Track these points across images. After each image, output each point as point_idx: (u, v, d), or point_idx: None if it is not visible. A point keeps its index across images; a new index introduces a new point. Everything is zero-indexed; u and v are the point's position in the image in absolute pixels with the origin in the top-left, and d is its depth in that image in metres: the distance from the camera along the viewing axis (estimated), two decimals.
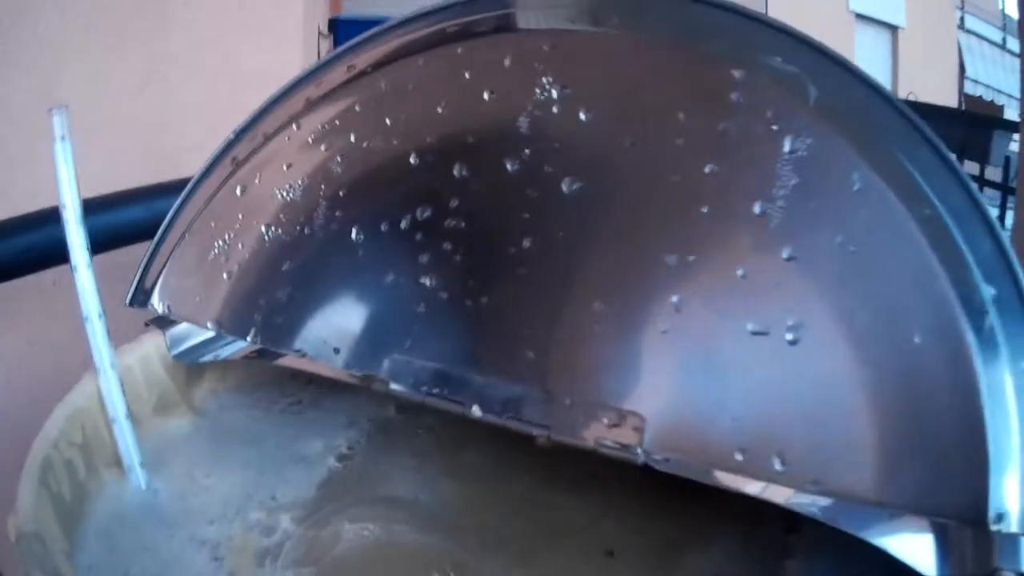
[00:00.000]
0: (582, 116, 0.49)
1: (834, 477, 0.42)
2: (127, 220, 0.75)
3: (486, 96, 0.52)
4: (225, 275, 0.59)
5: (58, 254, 0.58)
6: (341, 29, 2.72)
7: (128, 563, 0.56)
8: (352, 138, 0.56)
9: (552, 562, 0.56)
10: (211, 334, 0.59)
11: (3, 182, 0.91)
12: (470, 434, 0.51)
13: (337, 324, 0.53)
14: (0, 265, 0.75)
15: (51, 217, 0.57)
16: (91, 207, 0.67)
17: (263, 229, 0.58)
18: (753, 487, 0.43)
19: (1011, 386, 0.41)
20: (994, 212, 0.66)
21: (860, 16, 4.79)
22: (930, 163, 0.44)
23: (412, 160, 0.53)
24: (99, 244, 0.70)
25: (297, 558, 0.56)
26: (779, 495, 0.43)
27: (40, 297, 0.80)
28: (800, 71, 0.46)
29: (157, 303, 0.63)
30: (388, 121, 0.55)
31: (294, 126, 0.59)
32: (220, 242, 0.60)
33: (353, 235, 0.53)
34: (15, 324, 0.96)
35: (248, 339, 0.56)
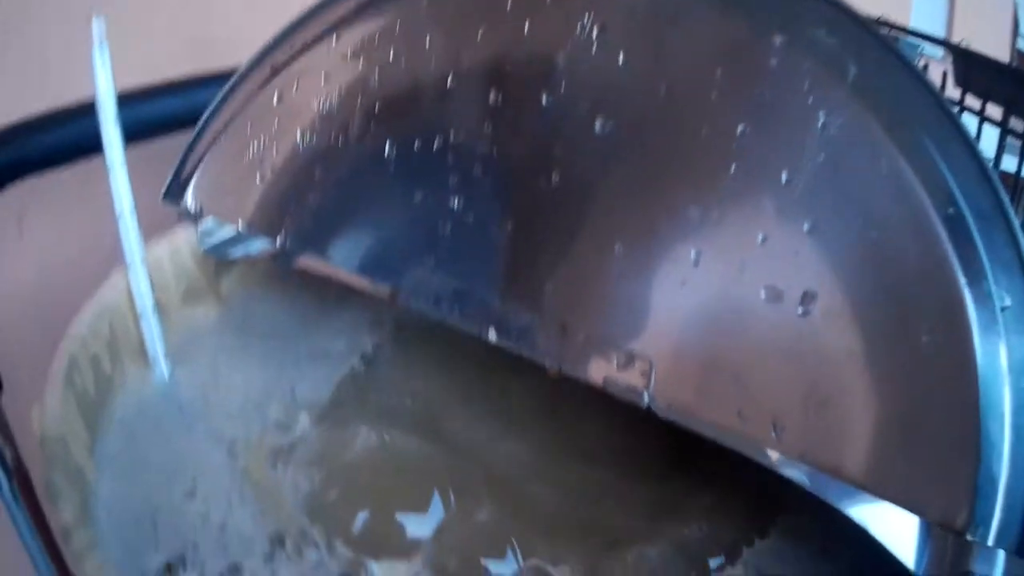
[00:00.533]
0: (620, 58, 0.49)
1: (824, 454, 0.43)
2: (165, 111, 0.77)
3: (526, 27, 0.52)
4: (258, 177, 0.60)
5: (95, 147, 0.58)
6: None
7: (146, 455, 0.60)
8: (391, 55, 0.57)
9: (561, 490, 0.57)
10: (241, 231, 0.60)
11: (39, 76, 0.91)
12: (495, 353, 0.53)
13: (363, 235, 0.55)
14: (38, 156, 0.75)
15: (88, 111, 0.57)
16: (130, 98, 0.68)
17: (297, 136, 0.59)
18: (747, 448, 0.44)
19: (1009, 404, 0.42)
20: None
21: None
22: (962, 162, 0.43)
23: (449, 83, 0.54)
24: (137, 135, 0.71)
25: (308, 459, 0.59)
26: (770, 458, 0.44)
27: (77, 189, 0.81)
28: (842, 46, 0.45)
29: (190, 199, 0.64)
30: (428, 42, 0.55)
31: (334, 38, 0.59)
32: (255, 145, 0.61)
33: (385, 150, 0.54)
34: (50, 215, 0.97)
35: (276, 241, 0.58)
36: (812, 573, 0.52)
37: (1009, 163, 0.67)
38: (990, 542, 0.41)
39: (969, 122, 0.65)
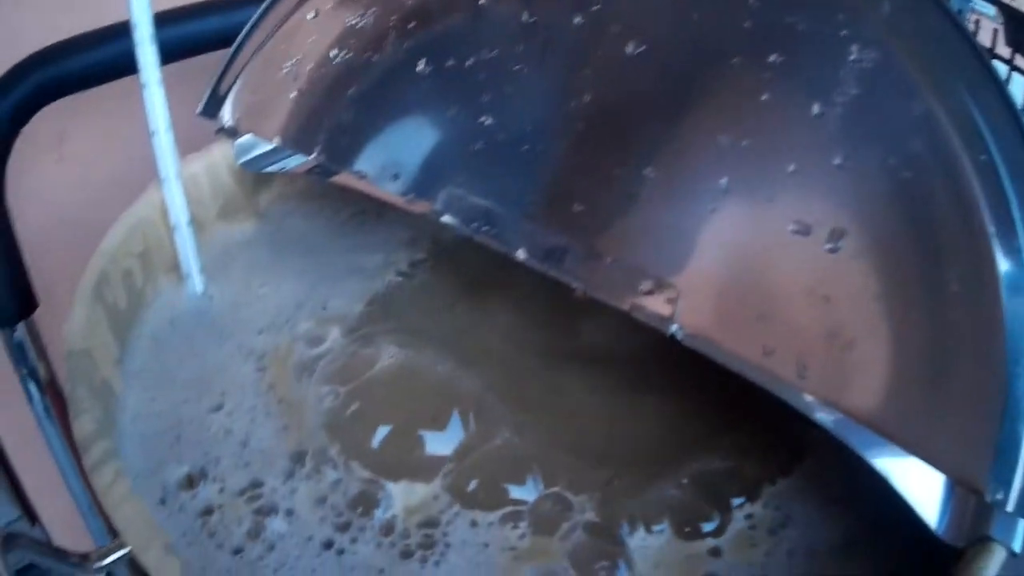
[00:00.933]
0: None
1: (847, 397, 0.42)
2: (203, 31, 0.77)
3: None
4: (294, 92, 0.60)
5: (133, 66, 0.59)
6: None
7: (175, 369, 0.61)
8: None
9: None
10: (277, 146, 0.61)
11: None
12: (531, 281, 0.53)
13: (398, 151, 0.55)
14: (78, 76, 0.76)
15: (126, 29, 0.57)
16: (168, 18, 0.68)
17: (333, 52, 0.59)
18: (773, 385, 0.44)
19: None
20: None
21: None
22: (996, 109, 0.42)
23: (482, 0, 0.53)
24: (175, 54, 0.72)
25: (332, 375, 0.60)
26: (796, 398, 0.43)
27: (117, 108, 0.82)
28: None
29: (227, 115, 0.64)
30: None
31: None
32: (291, 61, 0.62)
33: (419, 67, 0.54)
34: (90, 134, 0.97)
35: (312, 156, 0.58)
36: (832, 519, 0.52)
37: None
38: (1010, 508, 0.40)
39: (1019, 83, 0.64)
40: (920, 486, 0.41)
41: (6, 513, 1.19)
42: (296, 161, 0.66)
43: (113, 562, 0.65)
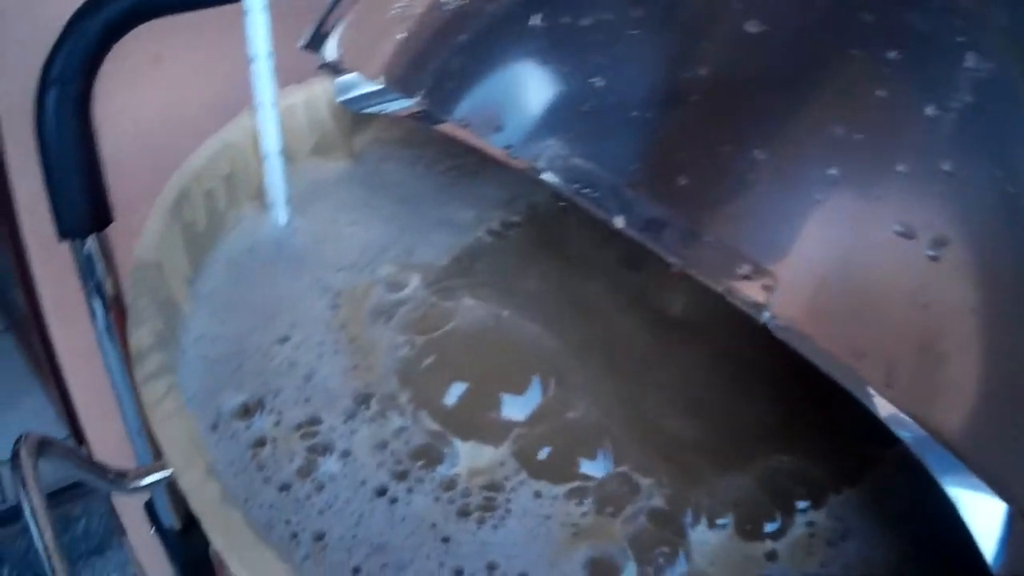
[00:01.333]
0: None
1: (930, 412, 0.40)
2: None
3: None
4: (403, 34, 0.59)
5: None
6: None
7: (247, 295, 0.60)
8: None
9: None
10: (379, 87, 0.60)
11: None
12: (627, 255, 0.51)
13: (504, 103, 0.53)
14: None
15: None
16: None
17: None
18: (857, 389, 0.41)
19: None
20: None
21: None
22: None
23: None
24: None
25: (408, 324, 0.58)
26: (879, 405, 0.41)
27: (216, 32, 0.81)
28: None
29: (332, 50, 0.63)
30: None
31: None
32: (402, 2, 0.60)
33: (534, 20, 0.52)
34: (187, 56, 0.97)
35: (415, 100, 0.56)
36: (891, 537, 0.50)
37: None
38: None
39: None
40: (984, 517, 0.39)
41: (54, 432, 1.19)
42: (396, 105, 0.64)
43: (152, 483, 0.64)
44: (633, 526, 0.49)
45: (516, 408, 0.53)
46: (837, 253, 0.43)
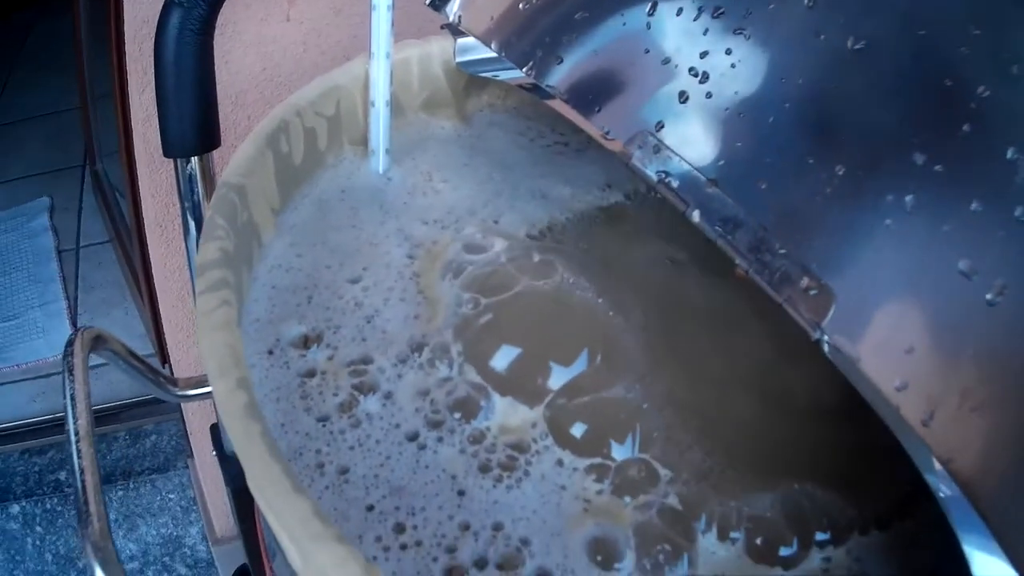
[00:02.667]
0: None
1: (960, 461, 0.40)
2: None
3: None
4: (523, 5, 0.60)
5: None
6: None
7: (329, 234, 0.63)
8: None
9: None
10: (494, 53, 0.62)
11: None
12: (710, 255, 0.52)
13: (606, 86, 0.55)
14: None
15: None
16: None
17: None
18: (895, 425, 0.42)
19: None
20: None
21: None
22: None
23: None
24: None
25: (476, 283, 0.60)
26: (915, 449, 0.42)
27: None
28: None
29: (454, 11, 0.65)
30: None
31: None
32: None
33: (648, 8, 0.54)
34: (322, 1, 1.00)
35: (524, 70, 0.58)
36: None
37: None
38: None
39: None
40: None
41: (141, 347, 1.24)
42: (509, 73, 0.67)
43: (203, 394, 0.67)
44: (644, 516, 0.50)
45: (558, 376, 0.55)
46: (898, 282, 0.43)
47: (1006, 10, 0.45)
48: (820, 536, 0.51)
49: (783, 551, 0.50)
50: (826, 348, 0.43)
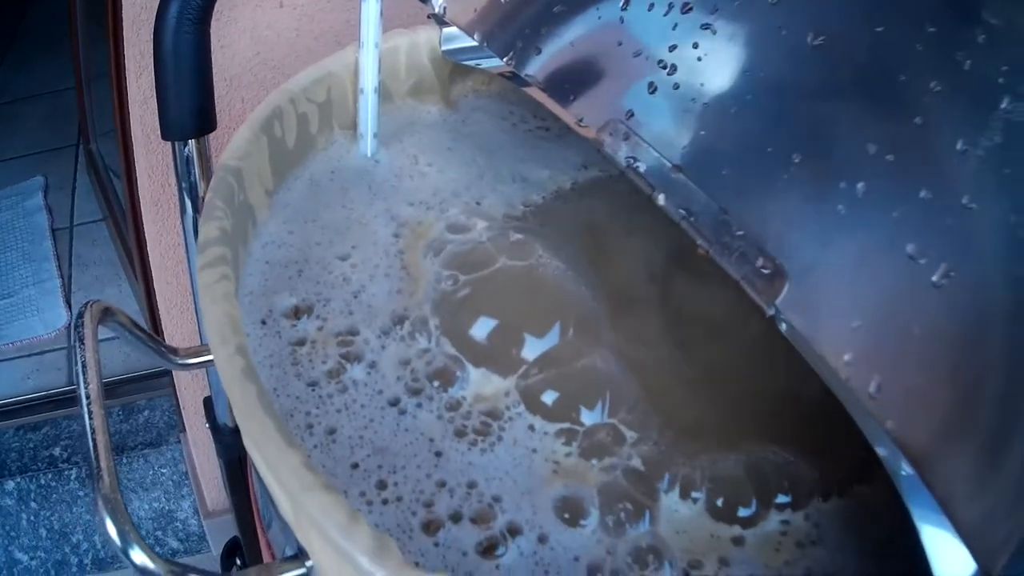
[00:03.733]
0: None
1: (912, 436, 0.43)
2: None
3: None
4: None
5: None
6: None
7: (321, 213, 0.67)
8: None
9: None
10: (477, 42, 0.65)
11: None
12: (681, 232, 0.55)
13: (581, 76, 0.58)
14: None
15: None
16: None
17: None
18: (846, 397, 0.45)
19: None
20: None
21: None
22: None
23: None
24: None
25: (455, 260, 0.64)
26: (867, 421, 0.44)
27: None
28: None
29: (438, 2, 0.69)
30: None
31: None
32: None
33: (622, 3, 0.57)
34: None
35: (504, 60, 0.62)
36: (861, 557, 0.53)
37: None
38: None
39: None
40: (946, 548, 0.41)
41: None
42: (491, 62, 0.70)
43: (202, 363, 0.71)
44: (609, 476, 0.53)
45: (532, 349, 0.59)
46: (849, 264, 0.47)
47: (960, 9, 0.47)
48: (782, 499, 0.54)
49: (742, 511, 0.53)
50: (780, 324, 0.47)
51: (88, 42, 2.17)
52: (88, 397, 0.54)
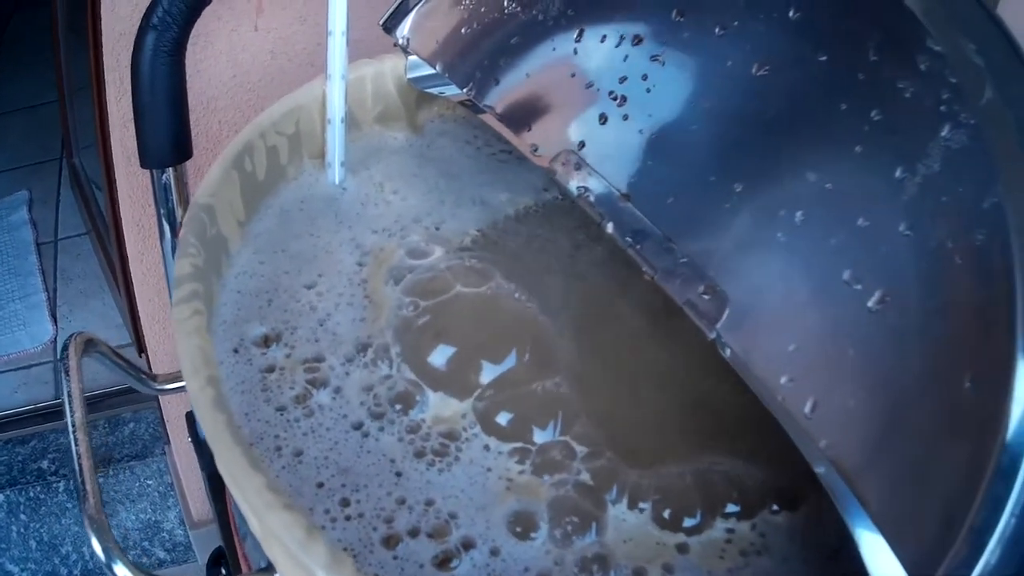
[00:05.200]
0: (791, 15, 0.52)
1: (844, 453, 0.45)
2: None
3: None
4: (465, 29, 0.68)
5: None
6: None
7: (290, 242, 0.71)
8: None
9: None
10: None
11: None
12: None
13: (534, 105, 0.62)
14: None
15: None
16: None
17: (507, 2, 0.65)
18: (783, 417, 0.47)
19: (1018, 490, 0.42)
20: None
21: None
22: None
23: None
24: None
25: (415, 288, 0.67)
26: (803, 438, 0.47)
27: None
28: (986, 67, 0.47)
29: (403, 32, 0.72)
30: None
31: None
32: (469, 1, 0.68)
33: (576, 37, 0.60)
34: (287, 9, 1.06)
35: (464, 90, 0.65)
36: (805, 570, 0.55)
37: None
38: None
39: None
40: (886, 571, 0.43)
41: (118, 336, 1.29)
42: (453, 90, 0.73)
43: (178, 388, 0.74)
44: (560, 491, 0.57)
45: (488, 373, 0.62)
46: (787, 289, 0.50)
47: (904, 37, 0.49)
48: (731, 508, 0.57)
49: (688, 521, 0.56)
50: (720, 347, 0.50)
51: (70, 54, 2.19)
52: (74, 425, 0.58)
